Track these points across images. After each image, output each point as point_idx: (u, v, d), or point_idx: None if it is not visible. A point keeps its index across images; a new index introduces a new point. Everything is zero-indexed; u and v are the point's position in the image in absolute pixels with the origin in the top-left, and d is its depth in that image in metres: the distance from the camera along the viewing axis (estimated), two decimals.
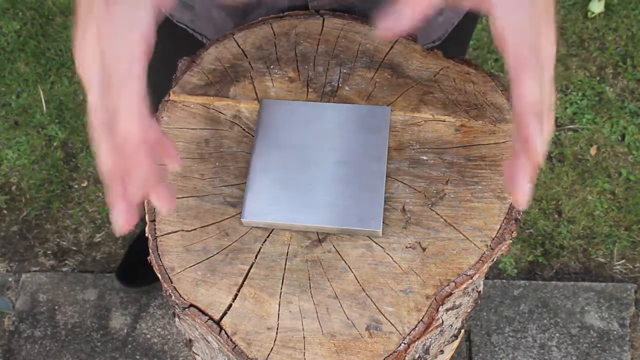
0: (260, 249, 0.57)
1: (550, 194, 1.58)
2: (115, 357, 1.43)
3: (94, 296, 1.50)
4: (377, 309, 0.54)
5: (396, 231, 0.57)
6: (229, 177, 0.60)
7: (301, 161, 0.59)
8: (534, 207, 1.57)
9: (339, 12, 0.68)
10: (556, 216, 1.56)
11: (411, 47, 0.65)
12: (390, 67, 0.64)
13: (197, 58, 0.66)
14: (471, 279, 0.55)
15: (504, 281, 1.48)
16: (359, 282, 0.55)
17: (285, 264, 0.56)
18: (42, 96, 1.76)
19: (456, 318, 0.65)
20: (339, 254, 0.56)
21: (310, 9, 0.68)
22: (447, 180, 0.58)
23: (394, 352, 0.52)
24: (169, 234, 0.58)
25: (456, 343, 0.87)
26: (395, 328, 0.53)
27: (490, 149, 0.59)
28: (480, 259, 0.55)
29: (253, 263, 0.56)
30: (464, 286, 0.55)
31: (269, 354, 0.53)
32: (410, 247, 0.56)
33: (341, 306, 0.54)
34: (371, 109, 0.61)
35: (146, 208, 0.59)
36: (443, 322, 0.55)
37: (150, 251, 0.57)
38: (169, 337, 1.46)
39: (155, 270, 0.57)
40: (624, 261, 1.51)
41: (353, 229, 0.56)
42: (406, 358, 0.53)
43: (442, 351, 0.73)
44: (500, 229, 0.56)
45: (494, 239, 0.56)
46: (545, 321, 1.43)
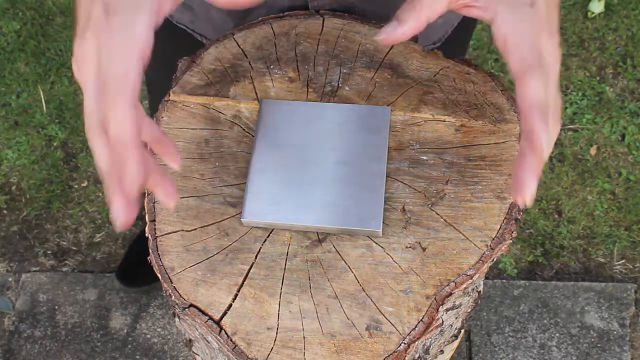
0: (260, 249, 0.57)
1: (550, 194, 1.58)
2: (115, 357, 1.43)
3: (94, 296, 1.50)
4: (377, 309, 0.54)
5: (396, 231, 0.57)
6: (229, 177, 0.60)
7: (301, 161, 0.59)
8: (534, 207, 1.57)
9: (339, 12, 0.68)
10: (556, 216, 1.56)
11: (411, 47, 0.65)
12: (390, 67, 0.64)
13: (197, 58, 0.66)
14: (471, 279, 0.55)
15: (504, 281, 1.48)
16: (359, 282, 0.55)
17: (285, 264, 0.56)
18: (42, 96, 1.76)
19: (456, 318, 0.65)
20: (339, 254, 0.56)
21: (310, 9, 0.68)
22: (447, 180, 0.58)
23: (394, 352, 0.52)
24: (169, 234, 0.58)
25: (456, 343, 0.87)
26: (395, 328, 0.53)
27: (490, 149, 0.59)
28: (480, 259, 0.55)
29: (253, 263, 0.56)
30: (464, 286, 0.55)
31: (269, 354, 0.53)
32: (410, 247, 0.56)
33: (341, 306, 0.54)
34: (371, 109, 0.61)
35: (146, 208, 0.59)
36: (443, 322, 0.55)
37: (150, 251, 0.57)
38: (169, 337, 1.46)
39: (155, 270, 0.57)
40: (624, 261, 1.51)
41: (353, 229, 0.56)
42: (406, 358, 0.53)
43: (442, 351, 0.73)
44: (500, 229, 0.56)
45: (494, 239, 0.56)
46: (545, 321, 1.43)
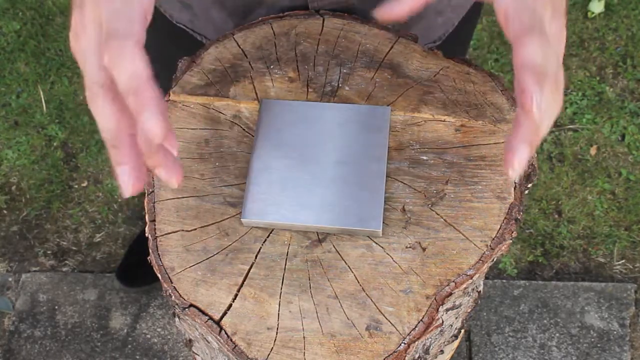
0: (260, 249, 0.57)
1: (550, 194, 1.58)
2: (115, 357, 1.43)
3: (94, 296, 1.50)
4: (377, 309, 0.54)
5: (396, 231, 0.57)
6: (229, 177, 0.60)
7: (301, 161, 0.59)
8: (534, 207, 1.57)
9: (339, 12, 0.68)
10: (556, 216, 1.56)
11: (411, 47, 0.65)
12: (390, 67, 0.64)
13: (197, 58, 0.66)
14: (471, 279, 0.55)
15: (504, 281, 1.48)
16: (359, 282, 0.55)
17: (285, 264, 0.56)
18: (42, 96, 1.76)
19: (456, 318, 0.65)
20: (339, 254, 0.56)
21: (310, 9, 0.68)
22: (447, 180, 0.58)
23: (394, 352, 0.52)
24: (169, 234, 0.58)
25: (456, 343, 0.87)
26: (395, 328, 0.53)
27: (490, 149, 0.59)
28: (480, 259, 0.55)
29: (253, 263, 0.56)
30: (464, 286, 0.55)
31: (269, 354, 0.53)
32: (410, 247, 0.56)
33: (341, 306, 0.54)
34: (371, 109, 0.61)
35: (146, 208, 0.59)
36: (443, 322, 0.55)
37: (150, 251, 0.57)
38: (169, 337, 1.46)
39: (155, 270, 0.57)
40: (624, 261, 1.51)
41: (353, 229, 0.56)
42: (406, 358, 0.53)
43: (442, 351, 0.73)
44: (500, 229, 0.56)
45: (494, 239, 0.56)
46: (545, 321, 1.43)
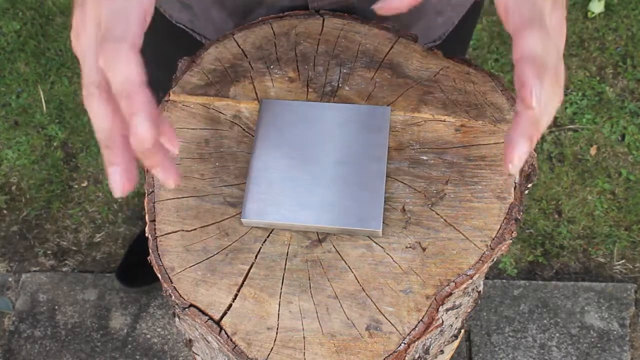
0: (260, 249, 0.57)
1: (550, 194, 1.58)
2: (115, 357, 1.43)
3: (94, 296, 1.50)
4: (377, 309, 0.54)
5: (396, 231, 0.57)
6: (229, 177, 0.60)
7: (301, 161, 0.59)
8: (534, 207, 1.57)
9: (339, 12, 0.68)
10: (556, 216, 1.56)
11: (411, 47, 0.65)
12: (390, 67, 0.64)
13: (197, 58, 0.66)
14: (471, 279, 0.55)
15: (504, 281, 1.48)
16: (359, 282, 0.55)
17: (285, 264, 0.56)
18: (42, 96, 1.76)
19: (456, 318, 0.65)
20: (339, 254, 0.56)
21: (310, 9, 0.68)
22: (447, 180, 0.58)
23: (394, 352, 0.52)
24: (169, 234, 0.58)
25: (456, 343, 0.87)
26: (395, 328, 0.53)
27: (490, 149, 0.59)
28: (480, 259, 0.55)
29: (253, 263, 0.56)
30: (464, 286, 0.55)
31: (269, 354, 0.53)
32: (410, 247, 0.56)
33: (341, 306, 0.54)
34: (371, 109, 0.61)
35: (146, 208, 0.59)
36: (443, 322, 0.55)
37: (150, 251, 0.57)
38: (169, 337, 1.46)
39: (155, 270, 0.57)
40: (624, 261, 1.51)
41: (353, 229, 0.56)
42: (406, 358, 0.53)
43: (442, 351, 0.73)
44: (500, 229, 0.56)
45: (494, 239, 0.56)
46: (545, 321, 1.43)
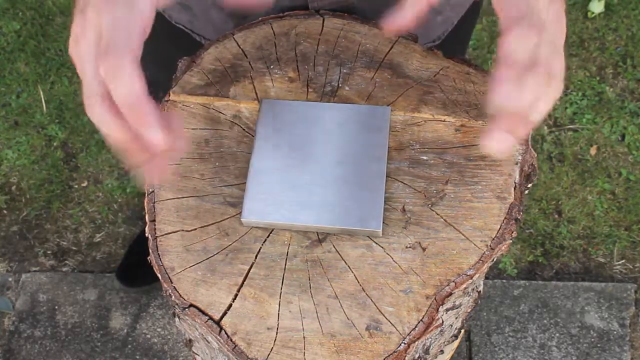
0: (260, 249, 0.57)
1: (550, 194, 1.58)
2: (115, 357, 1.43)
3: (94, 296, 1.50)
4: (377, 309, 0.54)
5: (396, 231, 0.57)
6: (229, 177, 0.60)
7: (301, 161, 0.59)
8: (534, 207, 1.57)
9: (339, 12, 0.68)
10: (556, 216, 1.56)
11: (411, 47, 0.65)
12: (390, 67, 0.64)
13: (197, 58, 0.66)
14: (471, 279, 0.55)
15: (504, 281, 1.48)
16: (359, 282, 0.55)
17: (285, 264, 0.56)
18: (42, 96, 1.76)
19: (456, 318, 0.65)
20: (339, 254, 0.56)
21: (310, 9, 0.68)
22: (447, 180, 0.58)
23: (394, 352, 0.52)
24: (169, 234, 0.58)
25: (456, 343, 0.87)
26: (395, 328, 0.53)
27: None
28: (480, 259, 0.55)
29: (253, 263, 0.56)
30: (464, 286, 0.55)
31: (269, 354, 0.53)
32: (410, 247, 0.56)
33: (341, 306, 0.54)
34: (371, 109, 0.61)
35: (146, 208, 0.59)
36: (443, 322, 0.55)
37: (150, 251, 0.57)
38: (169, 337, 1.46)
39: (155, 270, 0.57)
40: (624, 261, 1.51)
41: (353, 229, 0.56)
42: (406, 358, 0.53)
43: (442, 351, 0.73)
44: (500, 229, 0.56)
45: (494, 239, 0.56)
46: (545, 321, 1.43)
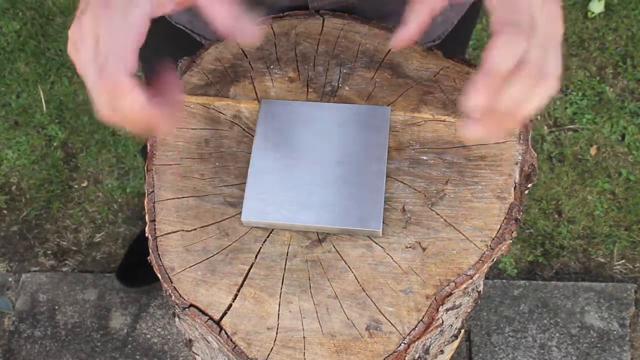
0: (260, 249, 0.57)
1: (550, 194, 1.58)
2: (115, 357, 1.43)
3: (94, 296, 1.50)
4: (377, 309, 0.54)
5: (396, 231, 0.57)
6: (229, 177, 0.60)
7: (301, 161, 0.59)
8: (534, 207, 1.57)
9: (339, 12, 0.68)
10: (556, 216, 1.56)
11: (411, 47, 0.65)
12: (390, 67, 0.64)
13: (197, 58, 0.66)
14: (471, 279, 0.55)
15: (504, 281, 1.48)
16: (359, 282, 0.55)
17: (285, 264, 0.56)
18: (42, 96, 1.76)
19: (456, 318, 0.65)
20: (339, 254, 0.56)
21: (310, 9, 0.68)
22: (447, 180, 0.58)
23: (394, 352, 0.52)
24: (169, 234, 0.58)
25: (456, 343, 0.87)
26: (395, 328, 0.53)
27: (490, 149, 0.59)
28: (480, 259, 0.55)
29: (253, 263, 0.56)
30: (464, 286, 0.55)
31: (269, 354, 0.53)
32: (410, 247, 0.56)
33: (341, 306, 0.54)
34: (371, 109, 0.61)
35: (146, 208, 0.59)
36: (443, 322, 0.55)
37: (150, 251, 0.57)
38: (169, 337, 1.46)
39: (155, 270, 0.57)
40: (624, 261, 1.51)
41: (353, 229, 0.56)
42: (406, 358, 0.53)
43: (442, 351, 0.73)
44: (500, 229, 0.56)
45: (494, 239, 0.56)
46: (545, 321, 1.43)
